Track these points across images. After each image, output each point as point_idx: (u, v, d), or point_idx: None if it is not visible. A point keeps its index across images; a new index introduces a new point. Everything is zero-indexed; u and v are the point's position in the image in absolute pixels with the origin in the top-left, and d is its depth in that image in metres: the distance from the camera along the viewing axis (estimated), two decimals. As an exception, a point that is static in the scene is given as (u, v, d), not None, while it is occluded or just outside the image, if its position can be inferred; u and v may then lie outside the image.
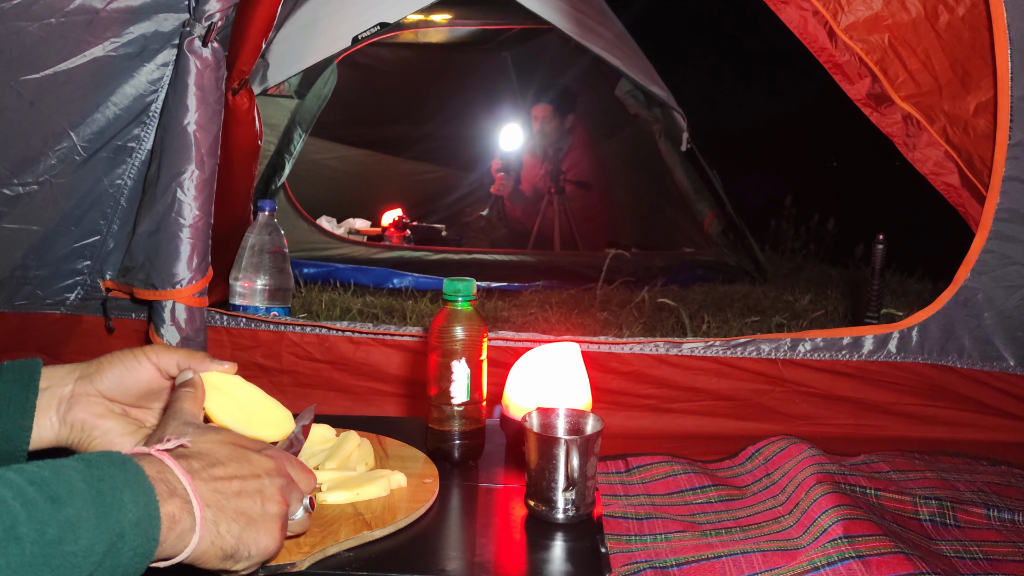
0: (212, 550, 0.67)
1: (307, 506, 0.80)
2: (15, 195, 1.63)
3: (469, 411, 1.13)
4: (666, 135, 3.60)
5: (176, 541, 0.64)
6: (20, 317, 1.81)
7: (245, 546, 0.70)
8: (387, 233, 3.91)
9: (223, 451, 0.73)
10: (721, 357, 1.79)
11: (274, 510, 0.73)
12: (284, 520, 0.74)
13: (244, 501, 0.70)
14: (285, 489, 0.75)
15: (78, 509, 0.57)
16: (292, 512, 0.77)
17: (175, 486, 0.65)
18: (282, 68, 3.02)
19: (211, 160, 1.54)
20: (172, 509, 0.64)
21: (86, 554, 0.56)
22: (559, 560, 0.91)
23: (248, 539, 0.70)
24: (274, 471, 0.75)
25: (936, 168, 1.92)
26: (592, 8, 3.27)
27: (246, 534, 0.70)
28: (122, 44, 1.57)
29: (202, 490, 0.67)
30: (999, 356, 1.83)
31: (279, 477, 0.75)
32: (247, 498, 0.71)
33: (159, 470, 0.65)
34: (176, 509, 0.64)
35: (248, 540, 0.70)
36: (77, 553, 0.56)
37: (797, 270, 3.96)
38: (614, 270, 3.03)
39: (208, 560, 0.68)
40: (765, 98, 6.46)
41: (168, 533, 0.63)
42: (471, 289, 1.11)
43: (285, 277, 1.85)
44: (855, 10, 1.82)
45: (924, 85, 1.84)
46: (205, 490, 0.68)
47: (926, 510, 1.36)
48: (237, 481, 0.71)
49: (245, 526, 0.70)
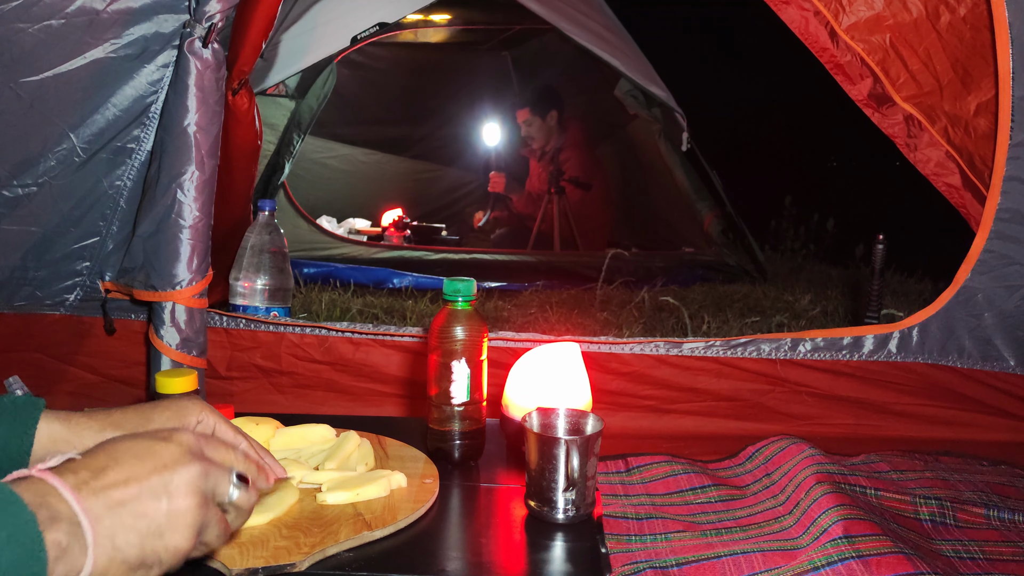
0: (113, 567, 0.62)
1: (237, 483, 0.73)
2: (14, 196, 1.63)
3: (469, 411, 1.13)
4: (666, 135, 3.59)
5: (67, 568, 0.59)
6: (19, 318, 1.81)
7: (153, 552, 0.64)
8: (387, 233, 3.91)
9: (119, 450, 0.67)
10: (721, 357, 1.79)
11: (183, 504, 0.66)
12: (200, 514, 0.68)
13: (144, 504, 0.64)
14: (200, 479, 0.68)
15: None
16: (222, 495, 0.71)
17: (58, 509, 0.59)
18: (282, 68, 3.02)
19: (211, 161, 1.54)
20: (57, 536, 0.58)
21: None
22: (559, 560, 0.91)
23: (153, 544, 0.64)
24: (182, 458, 0.68)
25: (937, 169, 1.92)
26: (592, 8, 3.27)
27: (149, 540, 0.64)
28: (122, 45, 1.56)
29: (91, 504, 0.61)
30: (999, 356, 1.83)
31: (190, 464, 0.68)
32: (148, 500, 0.64)
33: (40, 493, 0.59)
34: (62, 535, 0.58)
35: (153, 545, 0.64)
36: None
37: (797, 270, 3.95)
38: (614, 270, 3.03)
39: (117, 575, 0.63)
40: (765, 98, 6.45)
41: (55, 564, 0.57)
42: (471, 289, 1.11)
43: (285, 277, 1.85)
44: (856, 10, 1.82)
45: (925, 85, 1.84)
46: (95, 504, 0.62)
47: (926, 510, 1.36)
48: (134, 484, 0.64)
49: (147, 532, 0.64)
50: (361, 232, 4.02)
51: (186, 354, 1.57)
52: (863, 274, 3.51)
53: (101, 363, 1.83)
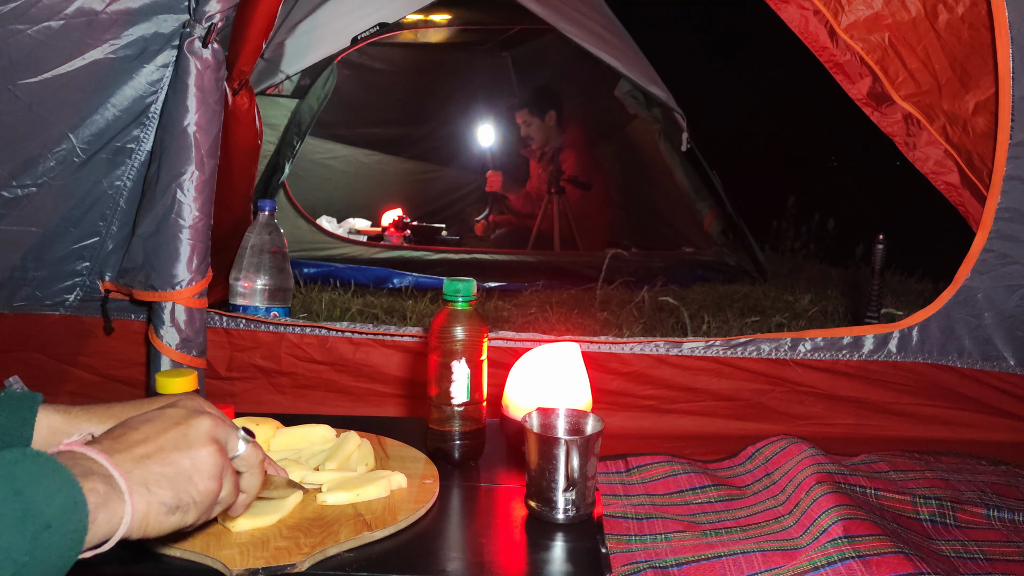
0: (153, 509, 0.66)
1: (245, 436, 0.78)
2: (13, 197, 1.63)
3: (469, 411, 1.13)
4: (666, 135, 3.59)
5: (109, 515, 0.63)
6: (19, 318, 1.81)
7: (187, 494, 0.69)
8: (387, 233, 3.91)
9: (133, 421, 0.72)
10: (721, 357, 1.79)
11: (203, 452, 0.71)
12: (221, 458, 0.73)
13: (168, 455, 0.69)
14: (213, 428, 0.74)
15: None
16: (232, 449, 0.76)
17: (91, 466, 0.64)
18: (282, 67, 3.02)
19: (211, 161, 1.54)
20: (94, 484, 0.62)
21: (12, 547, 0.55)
22: (559, 560, 0.91)
23: (185, 487, 0.69)
24: (192, 414, 0.74)
25: (936, 167, 1.92)
26: (592, 8, 3.27)
27: (180, 484, 0.69)
28: (121, 46, 1.56)
29: (119, 460, 0.66)
30: (999, 356, 1.82)
31: (201, 418, 0.74)
32: (171, 451, 0.70)
33: (69, 458, 0.64)
34: (98, 483, 0.63)
35: (186, 487, 0.69)
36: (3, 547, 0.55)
37: (797, 270, 3.95)
38: (614, 270, 3.03)
39: (157, 521, 0.67)
40: (765, 98, 6.45)
41: (97, 510, 0.62)
42: (471, 289, 1.11)
43: (285, 277, 1.85)
44: (855, 9, 1.82)
45: (924, 84, 1.84)
46: (123, 459, 0.66)
47: (926, 510, 1.36)
48: (154, 440, 0.70)
49: (177, 475, 0.69)
50: (361, 232, 4.02)
51: (186, 354, 1.57)
52: (863, 274, 3.51)
53: (101, 363, 1.83)
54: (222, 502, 0.74)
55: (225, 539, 0.86)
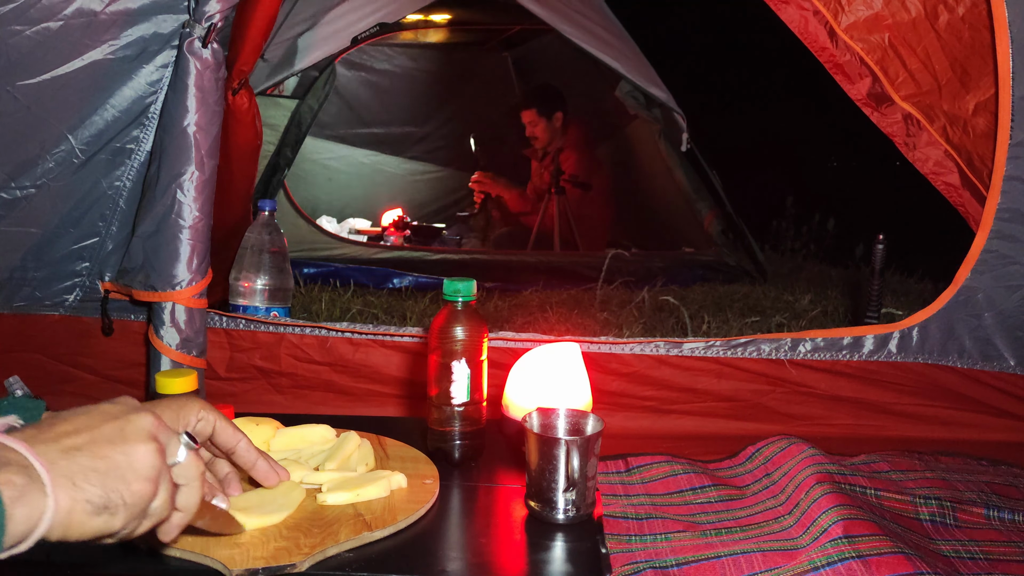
0: (78, 507, 0.60)
1: (188, 443, 0.72)
2: (13, 198, 1.63)
3: (469, 412, 1.13)
4: (666, 135, 3.59)
5: (29, 511, 0.57)
6: (19, 318, 1.81)
7: (116, 493, 0.62)
8: (387, 233, 3.91)
9: (64, 413, 0.66)
10: (721, 357, 1.79)
11: (140, 449, 0.65)
12: (159, 460, 0.66)
13: (100, 448, 0.63)
14: (153, 427, 0.68)
15: None
16: (171, 455, 0.70)
17: (7, 456, 0.58)
18: (282, 68, 3.02)
19: (211, 161, 1.54)
20: (9, 476, 0.57)
21: None
22: (559, 561, 0.91)
23: (116, 486, 0.62)
24: (132, 410, 0.68)
25: (936, 168, 1.92)
26: (592, 9, 3.27)
27: (111, 482, 0.62)
28: (121, 47, 1.56)
29: (43, 450, 0.60)
30: (999, 356, 1.82)
31: (141, 414, 0.68)
32: (104, 444, 0.64)
33: None
34: (14, 476, 0.57)
35: (116, 487, 0.62)
36: None
37: (797, 270, 3.95)
38: (614, 270, 3.02)
39: (81, 522, 0.61)
40: (765, 99, 6.45)
41: (14, 504, 0.56)
42: (471, 289, 1.11)
43: (285, 277, 1.85)
44: (855, 10, 1.82)
45: (924, 85, 1.84)
46: (47, 450, 0.61)
47: (926, 510, 1.36)
48: (86, 432, 0.64)
49: (107, 473, 0.62)
50: (361, 232, 4.02)
51: (186, 354, 1.57)
52: (863, 274, 3.51)
53: (101, 363, 1.83)
54: (153, 513, 0.67)
55: (225, 539, 0.86)
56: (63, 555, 0.84)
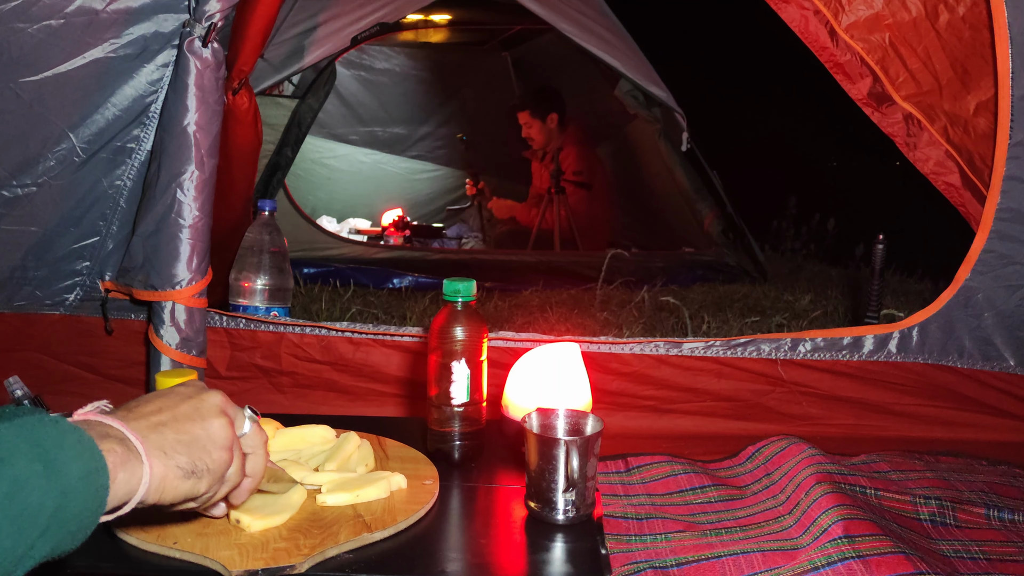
0: (170, 472, 0.68)
1: (252, 416, 0.81)
2: (13, 197, 1.63)
3: (469, 412, 1.13)
4: (666, 135, 3.59)
5: (128, 476, 0.65)
6: (19, 318, 1.81)
7: (201, 460, 0.71)
8: (387, 233, 3.91)
9: (145, 397, 0.75)
10: (721, 357, 1.79)
11: (216, 423, 0.74)
12: (231, 432, 0.76)
13: (182, 424, 0.72)
14: (224, 403, 0.77)
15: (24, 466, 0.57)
16: (239, 427, 0.79)
17: (107, 430, 0.66)
18: (282, 68, 3.02)
19: (211, 160, 1.54)
20: (111, 445, 0.64)
21: (38, 509, 0.57)
22: (559, 561, 0.91)
23: (200, 455, 0.71)
24: (203, 390, 0.78)
25: (937, 168, 1.92)
26: (592, 8, 3.27)
27: (195, 451, 0.71)
28: (122, 45, 1.56)
29: (135, 426, 0.69)
30: (999, 356, 1.82)
31: (212, 393, 0.77)
32: (184, 420, 0.73)
33: (86, 424, 0.66)
34: (115, 445, 0.65)
35: (201, 456, 0.71)
36: (31, 507, 0.56)
37: (797, 270, 3.95)
38: (614, 270, 3.02)
39: (173, 486, 0.69)
40: (765, 98, 6.45)
41: (116, 470, 0.63)
42: (471, 289, 1.11)
43: (285, 277, 1.85)
44: (856, 9, 1.82)
45: (925, 84, 1.84)
46: (138, 425, 0.69)
47: (926, 510, 1.36)
48: (167, 411, 0.73)
49: (191, 444, 0.71)
50: (361, 232, 4.03)
51: (186, 354, 1.57)
52: (863, 274, 3.51)
53: (101, 363, 1.83)
54: (229, 479, 0.76)
55: (225, 540, 0.86)
56: (65, 557, 0.83)
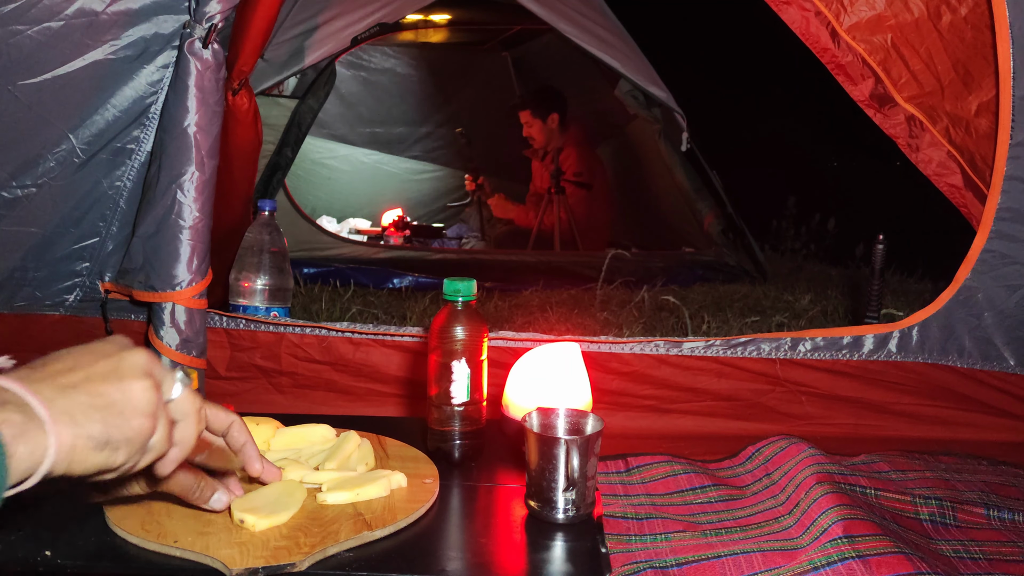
0: (80, 443, 0.61)
1: (183, 379, 0.72)
2: (13, 198, 1.63)
3: (469, 411, 1.13)
4: (666, 135, 3.59)
5: (31, 448, 0.58)
6: (19, 318, 1.81)
7: (118, 430, 0.63)
8: (387, 233, 3.91)
9: (56, 353, 0.67)
10: (721, 357, 1.79)
11: (137, 386, 0.66)
12: (155, 396, 0.67)
13: (96, 385, 0.64)
14: (148, 363, 0.69)
15: None
16: (167, 392, 0.71)
17: (3, 396, 0.59)
18: (282, 68, 3.02)
19: (211, 161, 1.54)
20: (7, 415, 0.57)
21: None
22: (559, 560, 0.91)
23: (116, 422, 0.63)
24: (125, 348, 0.69)
25: (939, 169, 1.92)
26: (592, 9, 3.27)
27: (111, 418, 0.63)
28: (122, 47, 1.56)
29: (39, 388, 0.61)
30: (999, 356, 1.82)
31: (134, 351, 0.69)
32: (100, 381, 0.64)
33: None
34: (13, 415, 0.58)
35: (117, 423, 0.63)
36: None
37: (797, 270, 3.96)
38: (614, 270, 3.02)
39: (84, 457, 0.61)
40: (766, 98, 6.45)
41: (14, 442, 0.57)
42: (471, 289, 1.11)
43: (285, 277, 1.85)
44: (858, 10, 1.82)
45: (927, 85, 1.84)
46: (43, 388, 0.61)
47: (926, 510, 1.36)
48: (80, 370, 0.65)
49: (106, 409, 0.63)
50: (361, 232, 4.03)
51: (186, 355, 1.57)
52: (863, 274, 3.51)
53: (101, 363, 1.83)
54: (153, 448, 0.68)
55: (225, 538, 0.86)
56: (65, 557, 0.84)
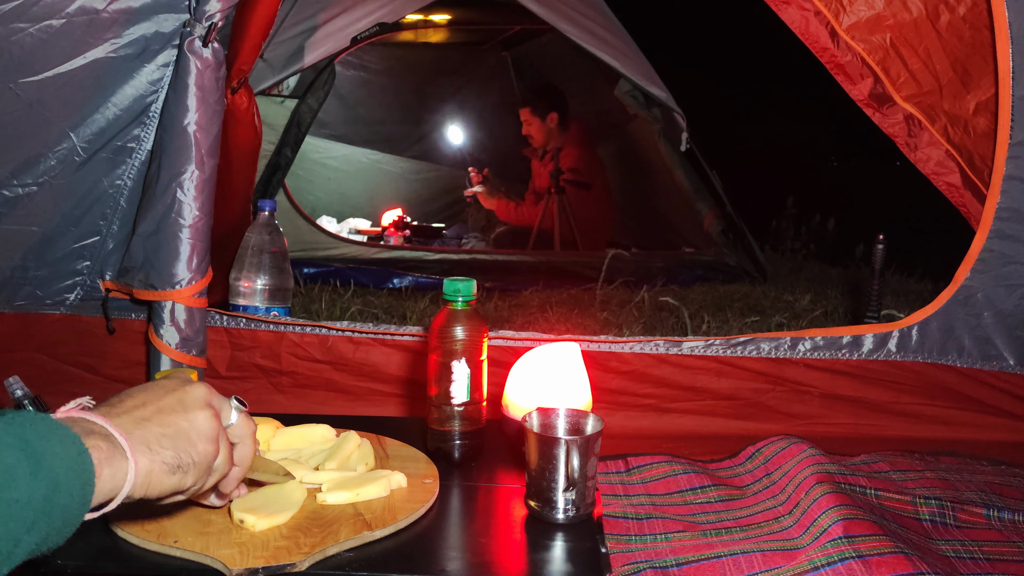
0: (155, 467, 0.68)
1: (238, 406, 0.81)
2: (14, 196, 1.63)
3: (469, 411, 1.13)
4: (666, 135, 3.59)
5: (113, 471, 0.64)
6: (20, 317, 1.81)
7: (187, 454, 0.71)
8: (387, 233, 3.91)
9: (127, 392, 0.74)
10: (721, 356, 1.79)
11: (201, 415, 0.74)
12: (216, 423, 0.75)
13: (166, 416, 0.72)
14: (208, 395, 0.77)
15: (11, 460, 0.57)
16: (225, 418, 0.79)
17: (91, 427, 0.66)
18: (282, 68, 3.02)
19: (211, 160, 1.54)
20: (96, 441, 0.64)
21: (26, 502, 0.57)
22: (559, 560, 0.91)
23: (185, 448, 0.71)
24: (187, 382, 0.77)
25: (938, 168, 1.92)
26: (592, 9, 3.27)
27: (181, 444, 0.71)
28: (122, 45, 1.56)
29: (119, 422, 0.68)
30: (999, 355, 1.82)
31: (195, 385, 0.77)
32: (169, 413, 0.72)
33: (70, 422, 0.66)
34: (100, 441, 0.64)
35: (186, 449, 0.71)
36: (18, 500, 0.56)
37: (797, 270, 3.95)
38: (614, 270, 3.02)
39: (160, 481, 0.69)
40: (765, 98, 6.46)
41: (101, 466, 0.63)
42: (471, 289, 1.11)
43: (285, 277, 1.85)
44: (857, 10, 1.82)
45: (925, 85, 1.84)
46: (122, 421, 0.68)
47: (926, 510, 1.36)
48: (151, 405, 0.72)
49: (176, 435, 0.71)
50: (361, 232, 4.02)
51: (186, 353, 1.57)
52: (863, 274, 3.51)
53: (101, 363, 1.83)
54: (217, 470, 0.76)
55: (225, 538, 0.87)
56: (65, 557, 0.84)
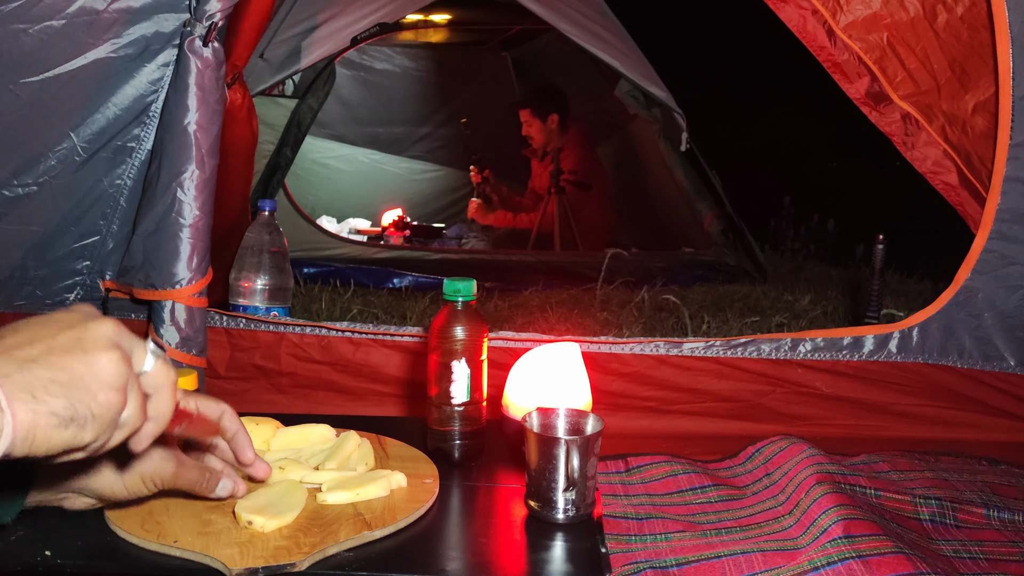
0: (41, 420, 0.57)
1: (155, 350, 0.67)
2: (14, 196, 1.63)
3: (469, 411, 1.13)
4: (665, 135, 3.60)
5: None
6: (20, 317, 1.81)
7: (83, 404, 0.59)
8: (387, 233, 3.91)
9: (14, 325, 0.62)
10: (721, 357, 1.79)
11: (104, 357, 0.61)
12: (125, 368, 0.63)
13: (58, 358, 0.59)
14: (115, 334, 0.64)
15: None
16: (138, 364, 0.66)
17: None
18: (282, 68, 3.02)
19: (211, 160, 1.54)
20: None
21: None
22: (559, 560, 0.91)
23: (81, 397, 0.59)
24: (90, 317, 0.64)
25: (934, 167, 1.92)
26: (592, 9, 3.27)
27: (75, 393, 0.59)
28: (123, 45, 1.56)
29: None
30: (999, 356, 1.82)
31: (100, 321, 0.63)
32: (62, 354, 0.60)
33: None
34: None
35: (82, 398, 0.59)
36: None
37: (797, 270, 3.96)
38: (614, 270, 3.03)
39: (47, 436, 0.57)
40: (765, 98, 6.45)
41: None
42: (471, 289, 1.11)
43: (285, 277, 1.85)
44: (854, 9, 1.83)
45: (922, 84, 1.84)
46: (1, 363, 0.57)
47: (926, 510, 1.36)
48: (39, 343, 0.60)
49: (70, 384, 0.59)
50: (361, 232, 4.03)
51: (186, 353, 1.57)
52: (863, 274, 3.51)
53: (101, 363, 1.83)
54: (125, 423, 0.64)
55: (225, 538, 0.86)
56: (65, 557, 0.84)
